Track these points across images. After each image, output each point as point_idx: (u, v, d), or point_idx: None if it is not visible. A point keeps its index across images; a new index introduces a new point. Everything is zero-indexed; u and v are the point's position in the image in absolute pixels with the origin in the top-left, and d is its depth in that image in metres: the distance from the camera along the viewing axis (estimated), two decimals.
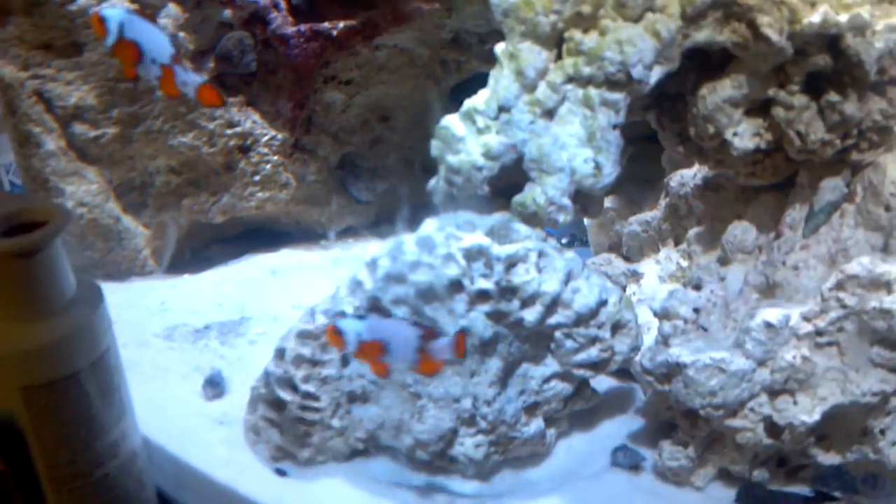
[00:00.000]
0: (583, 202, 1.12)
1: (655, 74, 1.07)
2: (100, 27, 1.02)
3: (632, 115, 1.15)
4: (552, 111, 1.09)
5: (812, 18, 1.02)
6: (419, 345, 0.98)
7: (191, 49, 1.55)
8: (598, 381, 1.19)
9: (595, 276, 1.13)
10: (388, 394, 1.10)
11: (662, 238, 1.35)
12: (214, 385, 1.28)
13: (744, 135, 1.12)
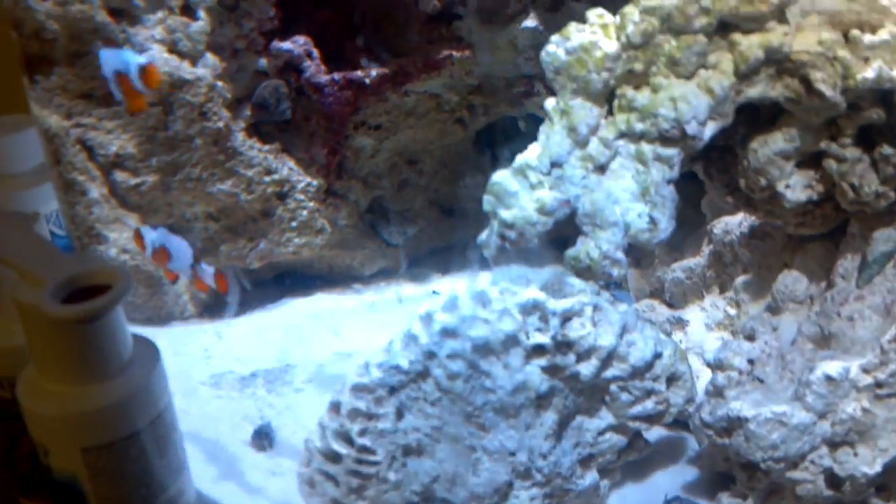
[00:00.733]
0: (635, 255, 1.13)
1: (709, 130, 1.08)
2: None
3: None
4: (604, 166, 1.10)
5: (866, 74, 1.03)
6: (192, 263, 1.29)
7: (228, 97, 1.57)
8: (650, 431, 1.19)
9: (649, 329, 1.13)
10: (444, 447, 1.11)
11: (707, 285, 1.35)
12: (265, 436, 1.28)
13: (796, 187, 1.12)
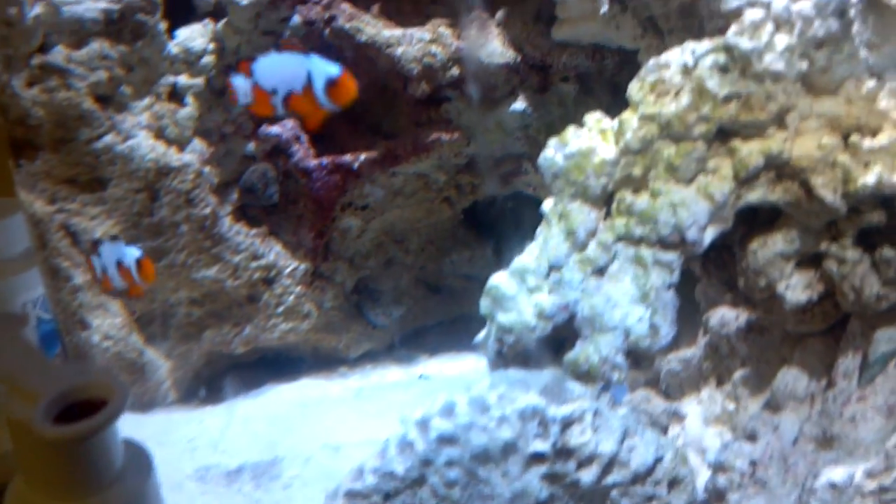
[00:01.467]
0: (635, 357, 1.11)
1: (709, 235, 1.07)
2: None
3: None
4: (603, 269, 1.09)
5: (867, 179, 1.03)
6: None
7: (215, 182, 1.55)
8: None
9: (650, 433, 1.11)
10: None
11: (704, 377, 1.33)
12: None
13: (796, 288, 1.11)
